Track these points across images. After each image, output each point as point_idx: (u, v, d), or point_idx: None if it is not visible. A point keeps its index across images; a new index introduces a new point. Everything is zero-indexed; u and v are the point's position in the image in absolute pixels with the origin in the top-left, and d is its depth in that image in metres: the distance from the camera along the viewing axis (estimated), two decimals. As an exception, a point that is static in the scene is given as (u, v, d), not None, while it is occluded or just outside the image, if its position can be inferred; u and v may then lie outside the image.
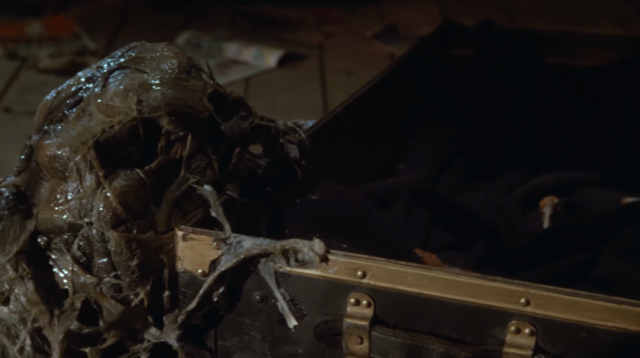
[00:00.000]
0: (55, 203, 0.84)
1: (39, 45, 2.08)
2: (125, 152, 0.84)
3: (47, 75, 1.92)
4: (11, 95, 1.81)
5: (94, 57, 2.02)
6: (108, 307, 0.83)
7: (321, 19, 2.44)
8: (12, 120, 1.69)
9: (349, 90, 2.08)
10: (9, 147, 1.58)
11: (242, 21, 2.38)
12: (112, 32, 2.25)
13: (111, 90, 0.86)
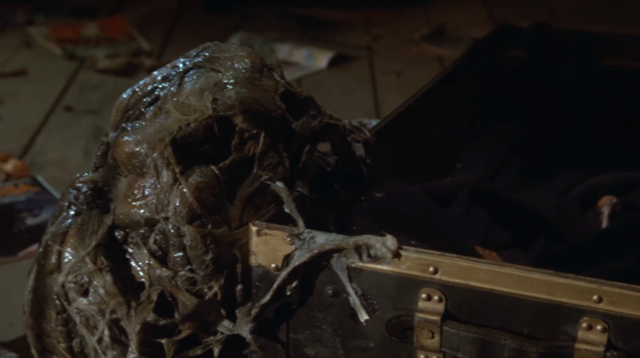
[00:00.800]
0: (133, 199, 0.87)
1: (95, 46, 2.12)
2: (201, 149, 0.87)
3: (104, 75, 1.96)
4: (71, 95, 1.85)
5: (149, 57, 2.06)
6: (183, 300, 0.85)
7: (369, 20, 2.46)
8: (73, 119, 1.73)
9: (399, 90, 2.10)
10: (70, 145, 1.61)
11: (291, 23, 2.40)
12: (165, 33, 2.29)
13: (187, 89, 0.88)
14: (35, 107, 1.78)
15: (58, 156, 1.57)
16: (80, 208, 0.90)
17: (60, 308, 0.88)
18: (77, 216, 0.89)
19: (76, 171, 1.52)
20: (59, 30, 2.21)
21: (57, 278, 0.87)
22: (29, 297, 0.91)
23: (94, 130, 1.69)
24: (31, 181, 1.44)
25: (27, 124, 1.70)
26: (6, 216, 1.33)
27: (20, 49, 2.13)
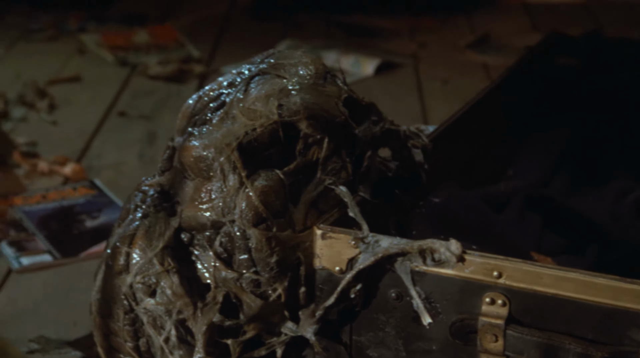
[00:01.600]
0: (200, 202, 0.89)
1: (146, 53, 2.16)
2: (266, 154, 0.89)
3: (156, 81, 1.99)
4: (124, 100, 1.88)
5: (198, 64, 2.09)
6: (248, 301, 0.87)
7: (413, 28, 2.47)
8: (127, 124, 1.76)
9: (446, 97, 2.11)
10: (125, 149, 1.64)
11: (337, 31, 2.42)
12: (213, 40, 2.32)
13: (253, 94, 0.90)
14: (90, 112, 1.82)
15: (114, 160, 1.60)
16: (148, 211, 0.92)
17: (127, 308, 0.90)
18: (144, 218, 0.92)
19: (132, 175, 1.57)
20: (111, 37, 2.25)
21: (125, 279, 0.90)
22: (97, 296, 0.93)
23: (148, 135, 1.72)
24: (89, 184, 1.47)
25: (83, 129, 1.73)
26: (66, 218, 1.36)
27: (74, 55, 2.17)
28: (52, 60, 2.13)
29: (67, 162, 1.54)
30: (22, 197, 1.42)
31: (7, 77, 1.99)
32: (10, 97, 1.85)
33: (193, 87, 1.99)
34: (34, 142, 1.64)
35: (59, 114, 1.80)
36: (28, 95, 1.85)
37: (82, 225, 1.35)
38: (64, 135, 1.70)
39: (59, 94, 1.89)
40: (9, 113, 1.78)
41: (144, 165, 1.59)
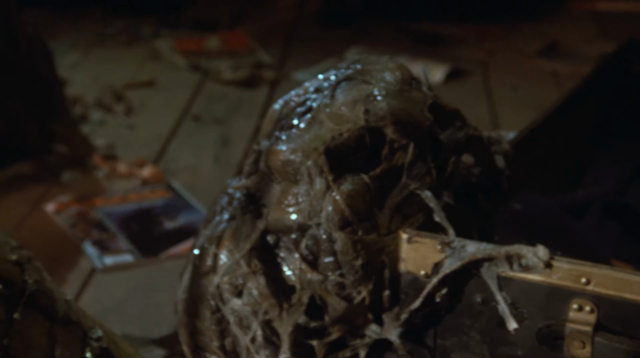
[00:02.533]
0: (286, 205, 0.91)
1: (218, 58, 2.19)
2: (352, 158, 0.90)
3: (228, 86, 2.02)
4: (197, 105, 1.92)
5: (269, 70, 2.12)
6: (332, 304, 0.88)
7: (481, 36, 2.47)
8: (201, 128, 1.80)
9: (516, 104, 2.10)
10: (199, 152, 1.68)
11: (404, 38, 2.43)
12: (283, 46, 2.35)
13: (340, 100, 0.92)
14: (165, 116, 1.86)
15: (189, 163, 1.63)
16: (234, 213, 0.94)
17: (214, 308, 0.92)
18: (231, 221, 0.94)
19: (207, 178, 1.60)
20: (184, 43, 2.29)
21: (212, 280, 0.92)
22: (183, 296, 0.95)
23: (222, 139, 1.75)
24: (166, 187, 1.51)
25: (158, 132, 1.77)
26: (146, 219, 1.40)
27: (148, 61, 2.22)
28: (126, 65, 2.18)
29: (145, 165, 1.57)
30: (103, 198, 1.46)
31: (84, 82, 2.04)
32: (88, 100, 1.89)
33: (264, 92, 2.02)
34: (113, 144, 1.68)
35: (135, 118, 1.85)
36: (106, 99, 1.90)
37: (161, 226, 1.38)
38: (141, 139, 1.74)
39: (135, 98, 1.94)
40: (87, 116, 1.82)
41: (219, 168, 1.62)
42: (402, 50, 2.30)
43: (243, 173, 0.98)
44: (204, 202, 1.44)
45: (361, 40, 2.39)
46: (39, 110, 1.56)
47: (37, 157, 1.55)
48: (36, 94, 1.55)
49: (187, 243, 1.32)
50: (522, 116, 1.94)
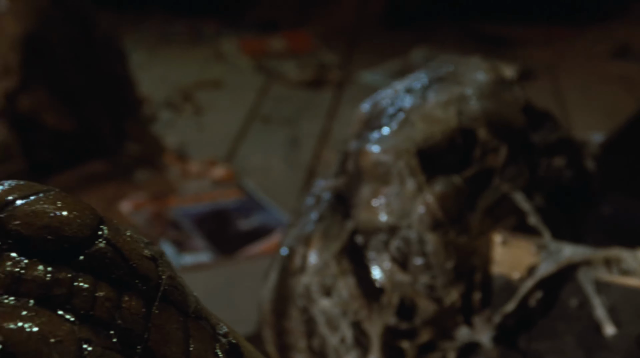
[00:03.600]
0: (376, 206, 0.90)
1: (283, 59, 2.20)
2: (444, 160, 0.89)
3: (294, 86, 2.03)
4: (265, 105, 1.93)
5: (335, 70, 2.12)
6: (423, 306, 0.88)
7: (548, 37, 2.44)
8: (270, 128, 1.80)
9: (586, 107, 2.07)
10: (269, 153, 1.68)
11: (469, 39, 2.42)
12: (347, 47, 2.35)
13: (432, 101, 0.91)
14: (233, 116, 1.87)
15: (259, 164, 1.63)
16: (323, 213, 0.94)
17: (302, 308, 0.92)
18: (320, 221, 0.94)
19: (278, 179, 1.60)
20: (248, 43, 2.30)
21: (301, 280, 0.92)
22: (270, 296, 0.96)
23: (291, 139, 1.75)
24: (238, 187, 1.51)
25: (227, 132, 1.78)
26: (221, 219, 1.40)
27: (212, 61, 2.23)
28: (191, 65, 2.20)
29: (217, 165, 1.58)
30: (176, 197, 1.47)
31: (151, 82, 2.06)
32: (156, 100, 1.91)
33: (331, 93, 2.02)
34: (184, 144, 1.69)
35: (203, 118, 1.86)
36: (174, 99, 1.92)
37: (236, 226, 1.39)
38: (209, 139, 1.75)
39: (202, 98, 1.95)
40: (156, 116, 1.84)
41: (289, 169, 1.62)
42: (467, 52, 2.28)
43: (329, 174, 0.98)
44: (277, 203, 1.45)
45: (425, 41, 2.37)
46: (113, 109, 1.57)
47: (110, 156, 1.57)
48: (110, 93, 1.57)
49: (262, 243, 1.32)
50: (593, 119, 1.92)
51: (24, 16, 1.40)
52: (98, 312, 0.45)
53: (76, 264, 0.46)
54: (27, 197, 0.46)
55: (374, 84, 2.07)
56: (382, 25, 2.54)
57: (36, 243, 0.45)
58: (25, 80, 1.44)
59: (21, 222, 0.45)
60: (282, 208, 1.43)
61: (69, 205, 0.47)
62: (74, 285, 0.45)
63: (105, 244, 0.46)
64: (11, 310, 0.42)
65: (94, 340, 0.44)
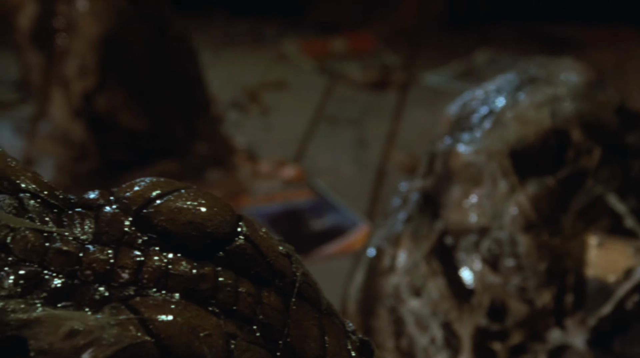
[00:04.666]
0: (466, 207, 0.90)
1: (345, 60, 2.20)
2: (537, 161, 0.89)
3: (357, 87, 2.03)
4: (329, 106, 1.93)
5: (398, 72, 2.12)
6: (514, 307, 0.87)
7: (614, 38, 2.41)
8: (336, 129, 1.81)
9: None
10: (337, 153, 1.69)
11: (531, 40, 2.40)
12: (409, 48, 2.35)
13: (524, 101, 0.91)
14: (298, 116, 1.88)
15: (328, 164, 1.64)
16: (411, 213, 0.94)
17: (391, 308, 0.93)
18: (408, 221, 0.94)
19: (348, 179, 1.61)
20: (310, 44, 2.31)
21: (390, 280, 0.92)
22: (358, 296, 0.96)
23: (358, 140, 1.76)
24: (309, 187, 1.52)
25: (294, 133, 1.79)
26: (294, 219, 1.41)
27: (275, 62, 2.25)
28: (254, 66, 2.21)
29: (287, 165, 1.59)
30: (249, 197, 1.48)
31: (216, 82, 2.07)
32: (223, 101, 1.93)
33: (395, 95, 2.02)
34: (254, 144, 1.70)
35: (269, 118, 1.87)
36: (240, 100, 1.93)
37: (309, 227, 1.40)
38: (277, 139, 1.76)
39: (267, 99, 1.96)
40: (223, 116, 1.85)
41: (358, 169, 1.63)
42: (530, 53, 2.26)
43: (416, 174, 0.99)
44: (348, 203, 1.45)
45: (487, 43, 2.36)
46: (185, 109, 1.59)
47: (182, 156, 1.59)
48: (182, 93, 1.58)
49: (336, 244, 1.32)
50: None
51: (102, 17, 1.42)
52: (241, 307, 0.45)
53: (217, 260, 0.46)
54: (169, 194, 0.47)
55: (437, 86, 2.07)
56: (443, 27, 2.54)
57: (180, 239, 0.46)
58: (102, 80, 1.46)
59: (166, 218, 0.46)
60: (353, 209, 1.44)
61: (210, 202, 0.47)
62: (218, 280, 0.45)
63: (244, 241, 0.47)
64: (162, 303, 0.43)
65: (239, 335, 0.44)
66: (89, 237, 0.45)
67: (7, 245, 0.43)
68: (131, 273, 0.44)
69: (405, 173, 1.62)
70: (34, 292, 0.42)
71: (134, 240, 0.45)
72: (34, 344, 0.40)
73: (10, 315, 0.41)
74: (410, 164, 1.63)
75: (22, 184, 0.47)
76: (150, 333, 0.42)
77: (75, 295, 0.43)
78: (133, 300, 0.43)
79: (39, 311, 0.41)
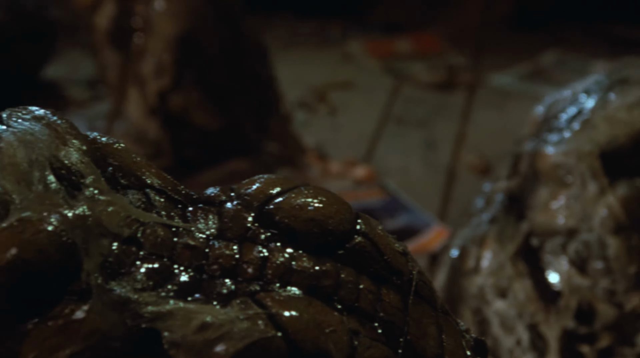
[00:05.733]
0: (554, 208, 0.90)
1: (410, 60, 2.20)
2: (628, 163, 0.88)
3: (425, 88, 2.03)
4: (397, 107, 1.93)
5: (465, 72, 2.11)
6: (602, 310, 0.86)
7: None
8: (404, 130, 1.81)
9: None
10: (406, 154, 1.69)
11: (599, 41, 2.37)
12: (475, 49, 2.33)
13: (615, 103, 0.90)
14: (366, 116, 1.88)
15: (398, 164, 1.64)
16: (496, 214, 0.94)
17: (476, 309, 0.92)
18: (493, 222, 0.93)
19: (418, 180, 1.60)
20: (374, 45, 2.31)
21: (475, 280, 0.92)
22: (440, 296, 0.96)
23: (426, 141, 1.75)
24: (380, 187, 1.52)
25: (362, 133, 1.79)
26: (367, 219, 1.41)
27: (341, 62, 2.25)
28: (320, 66, 2.22)
29: (357, 165, 1.59)
30: (320, 196, 1.48)
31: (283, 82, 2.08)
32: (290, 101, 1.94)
33: (462, 95, 2.01)
34: (322, 144, 1.71)
35: (338, 118, 1.88)
36: (308, 99, 1.94)
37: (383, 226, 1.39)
38: (345, 139, 1.76)
39: (336, 99, 1.97)
40: (291, 116, 1.86)
41: (428, 170, 1.62)
42: (598, 54, 2.23)
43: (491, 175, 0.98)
44: (420, 203, 1.45)
45: (553, 43, 2.34)
46: (256, 108, 1.60)
47: (253, 154, 1.60)
48: (254, 92, 1.60)
49: (410, 244, 1.32)
50: None
51: (179, 17, 1.44)
52: (363, 303, 0.46)
53: (336, 257, 0.47)
54: (289, 191, 0.48)
55: (505, 87, 2.06)
56: (510, 27, 2.52)
57: (302, 236, 0.46)
58: (177, 79, 1.48)
59: (288, 215, 0.46)
60: (424, 209, 1.43)
61: (330, 199, 0.48)
62: (340, 277, 0.46)
63: (363, 238, 0.47)
64: (287, 299, 0.44)
65: (361, 332, 0.45)
66: (213, 232, 0.46)
67: (137, 239, 0.44)
68: (256, 268, 0.45)
69: (476, 174, 1.61)
70: (164, 285, 0.43)
71: (257, 236, 0.46)
72: (168, 336, 0.41)
73: (145, 307, 0.42)
74: (481, 165, 1.62)
75: (148, 180, 0.48)
76: (279, 327, 0.42)
77: (202, 289, 0.44)
78: (259, 295, 0.44)
79: (171, 304, 0.42)
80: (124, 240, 0.43)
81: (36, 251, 0.40)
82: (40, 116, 0.47)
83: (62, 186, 0.44)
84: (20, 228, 0.41)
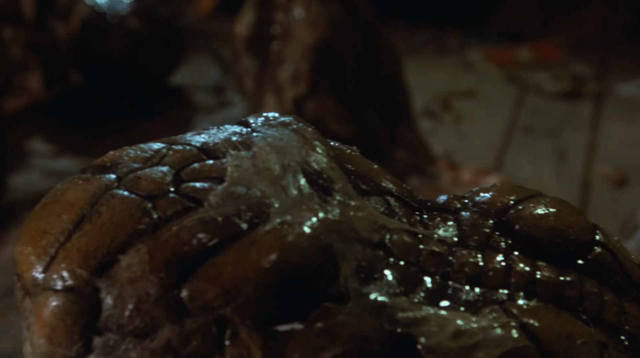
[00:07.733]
0: None
1: (532, 69, 2.17)
2: None
3: (550, 98, 2.00)
4: (523, 117, 1.91)
5: (591, 82, 2.07)
6: None
7: None
8: (533, 140, 1.78)
9: None
10: (537, 164, 1.66)
11: None
12: (599, 58, 2.29)
13: None
14: (492, 126, 1.86)
15: (529, 174, 1.62)
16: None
17: None
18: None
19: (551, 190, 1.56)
20: (495, 53, 2.29)
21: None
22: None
23: (557, 151, 1.72)
24: (514, 197, 1.50)
25: (489, 142, 1.77)
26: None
27: (461, 71, 2.23)
28: (441, 74, 2.21)
29: (489, 174, 1.58)
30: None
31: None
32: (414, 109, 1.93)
33: (589, 105, 1.97)
34: (449, 152, 1.70)
35: (463, 127, 1.86)
36: (433, 108, 1.93)
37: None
38: (473, 148, 1.75)
39: (460, 107, 1.95)
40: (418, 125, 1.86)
41: (561, 180, 1.59)
42: None
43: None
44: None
45: (679, 53, 2.27)
46: (389, 116, 1.60)
47: (384, 162, 1.60)
48: (387, 99, 1.60)
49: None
50: None
51: (317, 25, 1.45)
52: (608, 315, 0.45)
53: (577, 267, 0.46)
54: (527, 200, 0.47)
55: (634, 97, 2.01)
56: (631, 37, 2.46)
57: (542, 245, 0.46)
58: (313, 86, 1.49)
59: (529, 224, 0.46)
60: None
61: (567, 210, 0.47)
62: (583, 288, 0.45)
63: (603, 249, 0.47)
64: (535, 309, 0.43)
65: (609, 344, 0.44)
66: (454, 239, 0.46)
67: (385, 245, 0.44)
68: (501, 277, 0.45)
69: (612, 185, 1.58)
70: (415, 291, 0.43)
71: (498, 245, 0.46)
72: (425, 342, 0.41)
73: (399, 312, 0.42)
74: (617, 177, 1.58)
75: (386, 186, 0.48)
76: (531, 337, 0.42)
77: (449, 295, 0.44)
78: (507, 304, 0.44)
79: (425, 310, 0.42)
80: (373, 246, 0.44)
81: (299, 254, 0.41)
82: (287, 122, 0.48)
83: (314, 191, 0.44)
84: (283, 231, 0.41)
